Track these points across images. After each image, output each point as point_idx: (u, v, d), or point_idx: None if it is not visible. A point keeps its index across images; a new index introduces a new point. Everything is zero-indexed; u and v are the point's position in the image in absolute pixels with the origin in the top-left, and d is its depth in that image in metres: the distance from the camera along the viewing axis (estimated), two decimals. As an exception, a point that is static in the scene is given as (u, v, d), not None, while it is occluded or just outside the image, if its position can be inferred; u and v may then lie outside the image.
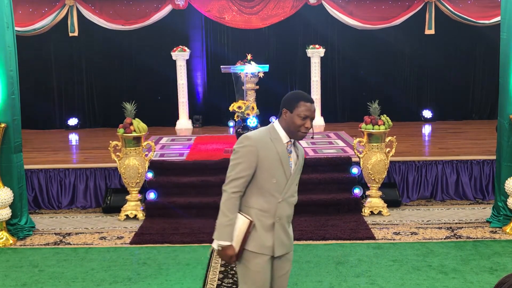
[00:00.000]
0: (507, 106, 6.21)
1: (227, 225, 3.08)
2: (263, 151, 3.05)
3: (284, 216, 3.15)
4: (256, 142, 3.05)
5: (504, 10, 6.22)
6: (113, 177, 7.43)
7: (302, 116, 3.03)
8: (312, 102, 3.10)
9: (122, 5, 10.33)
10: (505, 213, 6.35)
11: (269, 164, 3.05)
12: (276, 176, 3.07)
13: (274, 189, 3.08)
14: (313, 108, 3.09)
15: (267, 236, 3.11)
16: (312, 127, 3.13)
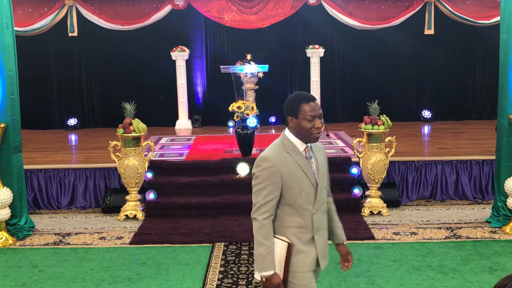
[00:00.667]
0: (506, 106, 6.21)
1: (267, 254, 2.87)
2: (284, 168, 2.87)
3: (322, 226, 3.00)
4: (276, 161, 2.87)
5: (504, 10, 6.22)
6: (112, 177, 7.43)
7: (309, 118, 2.87)
8: (314, 99, 2.93)
9: (122, 5, 10.33)
10: (504, 213, 6.35)
11: (294, 179, 2.88)
12: (304, 189, 2.90)
13: (305, 202, 2.91)
14: (318, 105, 2.91)
15: (308, 251, 2.94)
16: (324, 124, 2.96)
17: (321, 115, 2.92)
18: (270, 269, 2.88)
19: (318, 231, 2.97)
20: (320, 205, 2.98)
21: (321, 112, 2.92)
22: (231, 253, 5.67)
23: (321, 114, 2.92)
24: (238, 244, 5.92)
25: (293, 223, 2.92)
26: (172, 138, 9.42)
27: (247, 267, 5.32)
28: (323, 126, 2.95)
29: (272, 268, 2.88)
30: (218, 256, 5.59)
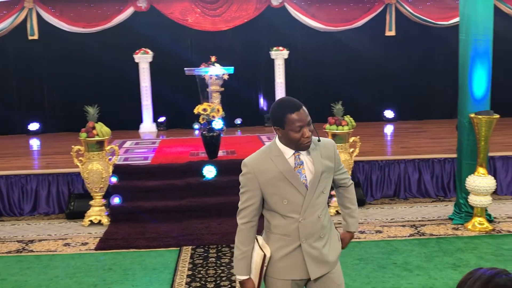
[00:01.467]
0: (466, 105, 6.35)
1: (241, 259, 2.86)
2: (262, 175, 2.79)
3: (311, 234, 2.83)
4: (253, 167, 2.82)
5: (463, 11, 6.37)
6: (76, 182, 7.31)
7: (296, 129, 2.73)
8: (300, 107, 2.74)
9: (83, 7, 10.18)
10: (466, 210, 6.49)
11: (273, 187, 2.78)
12: (286, 197, 2.79)
13: (289, 210, 2.80)
14: (305, 113, 2.74)
15: (291, 260, 2.84)
16: (314, 129, 2.80)
17: (309, 122, 2.77)
18: (243, 274, 2.87)
19: (307, 239, 2.82)
20: (313, 213, 2.82)
21: (309, 119, 2.77)
22: (199, 257, 5.65)
23: (309, 121, 2.77)
24: (205, 247, 5.90)
25: (278, 229, 2.85)
26: (137, 141, 9.32)
27: (215, 270, 5.30)
28: (313, 132, 2.81)
29: (245, 273, 2.86)
30: (185, 259, 5.56)
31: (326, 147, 2.92)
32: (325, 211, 2.91)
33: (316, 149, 2.88)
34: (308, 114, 2.78)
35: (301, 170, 2.82)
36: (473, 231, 6.21)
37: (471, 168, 6.35)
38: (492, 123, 6.12)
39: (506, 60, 10.17)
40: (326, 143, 2.95)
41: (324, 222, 2.89)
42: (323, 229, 2.88)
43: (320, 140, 2.91)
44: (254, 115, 10.75)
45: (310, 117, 2.83)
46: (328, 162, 2.90)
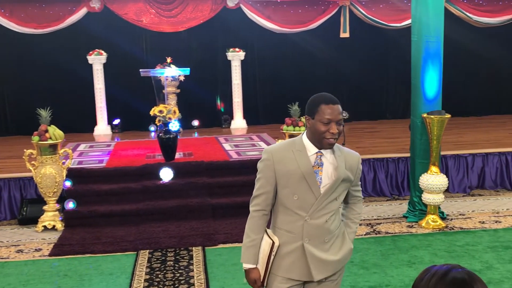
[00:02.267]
0: (419, 105, 6.50)
1: (250, 246, 2.85)
2: (280, 165, 2.78)
3: (315, 236, 2.81)
4: (273, 154, 2.80)
5: (415, 13, 6.51)
6: (28, 187, 7.12)
7: (325, 121, 2.70)
8: (336, 103, 2.74)
9: (34, 8, 9.92)
10: (420, 208, 6.64)
11: (288, 180, 2.77)
12: (298, 193, 2.77)
13: (297, 206, 2.78)
14: (338, 110, 2.73)
15: (294, 258, 2.82)
16: (343, 134, 2.80)
17: (340, 121, 2.74)
18: (250, 262, 2.85)
19: (310, 240, 2.81)
20: (321, 215, 2.80)
21: (341, 118, 2.74)
22: (157, 260, 5.59)
23: (341, 120, 2.74)
24: (163, 250, 5.84)
25: (283, 225, 2.84)
26: (91, 144, 9.15)
27: (173, 273, 5.26)
28: (341, 134, 2.77)
29: (252, 262, 2.85)
30: (143, 264, 5.49)
31: (352, 159, 2.89)
32: (334, 217, 2.88)
33: (342, 156, 2.85)
34: (341, 113, 2.77)
35: (318, 171, 2.79)
36: (427, 228, 6.35)
37: (424, 167, 6.49)
38: (444, 122, 6.28)
39: (457, 61, 10.47)
40: (353, 155, 2.92)
41: (331, 227, 2.86)
42: (329, 234, 2.85)
43: (346, 149, 2.94)
44: (211, 116, 10.72)
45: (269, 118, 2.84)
46: (349, 173, 2.87)
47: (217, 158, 7.67)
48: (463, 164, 7.86)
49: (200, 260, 5.55)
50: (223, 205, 6.77)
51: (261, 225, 2.87)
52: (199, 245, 5.94)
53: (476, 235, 6.10)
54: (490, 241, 5.90)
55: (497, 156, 7.92)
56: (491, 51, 10.98)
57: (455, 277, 1.47)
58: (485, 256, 5.48)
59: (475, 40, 10.80)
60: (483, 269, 5.17)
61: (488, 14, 10.57)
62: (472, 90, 11.22)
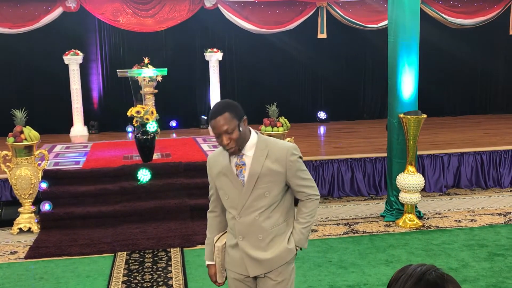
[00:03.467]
0: (396, 106, 6.56)
1: (207, 244, 3.13)
2: (212, 169, 2.98)
3: (247, 233, 2.89)
4: (209, 160, 3.04)
5: (391, 15, 6.57)
6: (3, 189, 7.03)
7: (216, 135, 2.82)
8: (216, 116, 2.77)
9: (9, 7, 9.77)
10: (397, 207, 6.70)
11: (219, 180, 2.94)
12: (227, 193, 2.91)
13: (230, 206, 2.94)
14: (218, 123, 2.76)
15: (234, 254, 2.98)
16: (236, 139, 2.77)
17: (226, 131, 2.76)
18: (207, 259, 3.13)
19: (244, 237, 2.91)
20: (250, 213, 2.87)
21: (226, 128, 2.76)
22: (134, 262, 5.54)
23: (226, 130, 2.76)
24: (141, 252, 5.80)
25: (228, 223, 3.03)
26: (67, 145, 9.04)
27: (151, 275, 5.22)
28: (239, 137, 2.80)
29: (208, 259, 3.11)
30: (120, 265, 5.45)
31: (279, 151, 2.87)
32: (268, 215, 2.88)
33: (265, 150, 2.87)
34: (224, 122, 2.75)
35: (242, 169, 2.90)
36: (404, 227, 6.41)
37: (401, 167, 6.55)
38: (420, 122, 6.34)
39: (433, 62, 10.60)
40: (281, 147, 2.89)
41: (264, 224, 2.88)
42: (262, 231, 2.89)
43: (278, 143, 2.92)
44: (189, 117, 10.68)
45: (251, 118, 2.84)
46: (275, 166, 2.85)
47: (195, 158, 7.65)
48: (439, 163, 7.96)
49: (179, 261, 5.53)
50: (201, 206, 6.72)
51: (213, 225, 3.10)
52: (177, 246, 5.91)
53: (452, 234, 6.18)
54: (466, 240, 5.98)
55: (473, 155, 8.04)
56: (466, 52, 11.14)
57: (428, 280, 1.50)
58: (461, 255, 5.55)
59: (450, 41, 10.94)
60: (459, 267, 5.24)
61: (463, 16, 10.72)
62: (448, 91, 11.37)
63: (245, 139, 2.86)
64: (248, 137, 2.88)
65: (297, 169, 2.89)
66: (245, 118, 2.86)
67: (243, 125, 2.83)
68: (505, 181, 8.04)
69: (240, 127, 2.80)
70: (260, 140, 2.90)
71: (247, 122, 2.88)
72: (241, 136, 2.82)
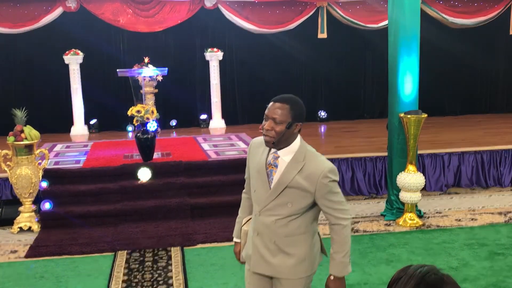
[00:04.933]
0: (396, 105, 6.56)
1: (236, 223, 3.23)
2: (251, 156, 2.98)
3: (264, 232, 2.87)
4: (251, 146, 3.03)
5: (391, 14, 6.57)
6: (3, 188, 7.03)
7: (264, 117, 2.82)
8: (277, 101, 2.78)
9: (9, 7, 9.77)
10: (397, 206, 6.70)
11: (252, 172, 2.95)
12: (255, 187, 2.90)
13: (255, 200, 2.93)
14: (274, 107, 2.76)
15: (248, 245, 3.02)
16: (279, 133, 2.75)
17: (275, 120, 2.75)
18: (234, 235, 3.26)
19: (259, 234, 2.90)
20: (269, 215, 2.84)
21: (275, 116, 2.75)
22: (135, 261, 5.54)
23: (275, 119, 2.75)
24: (141, 251, 5.80)
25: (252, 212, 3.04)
26: (68, 145, 9.05)
27: (152, 274, 5.22)
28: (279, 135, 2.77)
29: (235, 236, 3.24)
30: (121, 264, 5.45)
31: (315, 168, 2.78)
32: (288, 224, 2.83)
33: (301, 162, 2.80)
34: (279, 112, 2.75)
35: (272, 171, 2.85)
36: (404, 226, 6.41)
37: (402, 166, 6.55)
38: (420, 122, 6.34)
39: (433, 62, 10.60)
40: (318, 165, 2.79)
41: (281, 231, 2.84)
42: (278, 236, 2.85)
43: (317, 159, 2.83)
44: (189, 116, 10.68)
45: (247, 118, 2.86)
46: (306, 182, 2.77)
47: (195, 158, 7.65)
48: (439, 162, 7.96)
49: (179, 260, 5.53)
50: (201, 205, 6.75)
51: (245, 206, 3.16)
52: (177, 245, 5.91)
53: (452, 233, 6.18)
54: (466, 239, 5.97)
55: (473, 155, 8.04)
56: (466, 52, 11.14)
57: (427, 283, 1.51)
58: (461, 254, 5.55)
59: (451, 41, 10.94)
60: (459, 266, 5.24)
61: (463, 16, 10.72)
62: (448, 90, 11.37)
63: (287, 140, 2.81)
64: (291, 142, 2.83)
65: (327, 192, 2.79)
66: (299, 124, 2.81)
67: (294, 128, 2.79)
68: (505, 180, 8.04)
69: (290, 126, 2.76)
70: (300, 150, 2.83)
71: (299, 129, 2.83)
72: (285, 134, 2.76)
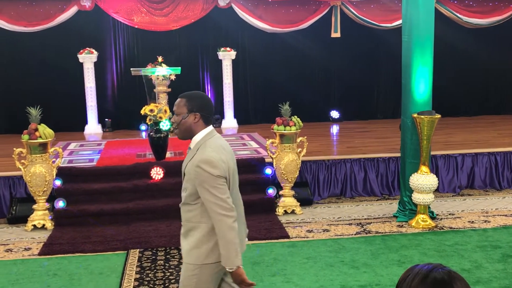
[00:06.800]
0: (409, 105, 6.52)
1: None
2: None
3: (183, 220, 3.17)
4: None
5: (405, 14, 6.54)
6: (18, 185, 7.08)
7: None
8: (178, 97, 3.15)
9: (24, 6, 9.87)
10: (410, 208, 6.67)
11: None
12: None
13: None
14: (176, 102, 3.13)
15: None
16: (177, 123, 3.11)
17: (174, 111, 3.13)
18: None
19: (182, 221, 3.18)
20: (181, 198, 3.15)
21: (174, 109, 3.13)
22: (147, 260, 5.57)
23: (174, 111, 3.13)
24: (153, 250, 5.83)
25: None
26: (82, 143, 9.11)
27: (163, 272, 5.25)
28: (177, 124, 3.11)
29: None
30: (133, 263, 5.48)
31: (198, 157, 3.00)
32: (187, 208, 3.10)
33: (193, 151, 3.07)
34: (177, 105, 3.11)
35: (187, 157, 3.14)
36: (417, 228, 6.38)
37: (414, 167, 6.52)
38: (434, 122, 6.30)
39: (447, 62, 10.53)
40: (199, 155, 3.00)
41: (183, 215, 3.14)
42: (182, 220, 3.15)
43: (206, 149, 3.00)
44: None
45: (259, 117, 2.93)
46: (192, 170, 3.01)
47: (208, 157, 7.65)
48: (452, 164, 7.91)
49: (191, 259, 5.53)
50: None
51: None
52: (189, 244, 5.92)
53: (465, 235, 6.13)
54: (479, 241, 5.93)
55: (487, 156, 7.98)
56: (480, 52, 11.06)
57: (435, 277, 1.50)
58: (474, 256, 5.51)
59: (465, 41, 10.87)
60: (472, 268, 5.20)
61: (478, 15, 10.64)
62: (462, 91, 11.29)
63: (189, 131, 3.09)
64: (195, 133, 3.09)
65: (201, 181, 2.95)
66: (197, 115, 3.06)
67: (191, 117, 3.06)
68: (519, 182, 7.98)
69: (186, 117, 3.06)
70: (200, 141, 3.06)
71: (197, 118, 3.06)
72: (183, 124, 3.08)
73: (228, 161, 3.03)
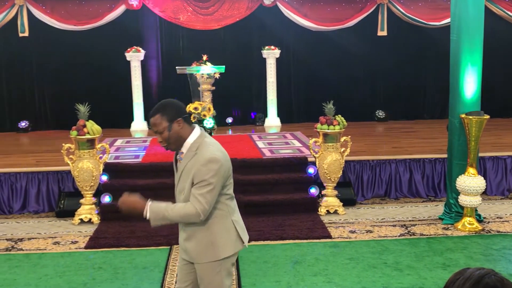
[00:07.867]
0: (457, 106, 6.38)
1: None
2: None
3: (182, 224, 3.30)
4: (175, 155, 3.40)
5: (454, 12, 6.40)
6: (66, 180, 7.27)
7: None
8: (150, 117, 3.06)
9: (74, 5, 10.13)
10: (456, 210, 6.52)
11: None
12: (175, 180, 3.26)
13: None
14: (151, 122, 3.06)
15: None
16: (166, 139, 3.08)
17: (157, 131, 3.05)
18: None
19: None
20: (178, 200, 3.26)
21: (156, 129, 3.05)
22: (189, 255, 5.62)
23: (157, 131, 3.05)
24: (196, 246, 5.87)
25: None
26: (128, 140, 9.28)
27: (205, 269, 5.28)
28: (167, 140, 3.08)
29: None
30: (176, 258, 5.54)
31: (200, 157, 3.01)
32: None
33: (193, 154, 3.07)
34: (155, 124, 3.03)
35: (179, 164, 3.18)
36: (463, 231, 6.23)
37: (462, 169, 6.37)
38: (482, 123, 6.14)
39: (497, 61, 10.24)
40: (202, 154, 3.02)
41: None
42: (184, 225, 3.23)
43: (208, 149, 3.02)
44: (246, 114, 10.75)
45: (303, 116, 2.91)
46: (192, 168, 3.05)
47: (250, 155, 7.69)
48: (501, 166, 7.68)
49: (232, 256, 5.56)
50: (255, 203, 6.78)
51: None
52: (231, 241, 5.95)
53: (514, 239, 5.96)
54: (529, 246, 5.75)
55: (538, 158, 7.72)
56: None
57: (487, 283, 1.45)
58: (523, 261, 5.35)
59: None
60: (520, 274, 5.05)
61: (531, 13, 10.30)
62: (513, 91, 10.95)
63: (179, 139, 3.06)
64: (185, 138, 3.07)
65: (201, 177, 3.01)
66: (181, 120, 3.01)
67: (176, 126, 3.01)
68: None
69: (171, 128, 3.00)
70: (195, 142, 3.06)
71: (181, 123, 3.02)
72: (172, 136, 3.03)
73: (229, 160, 3.11)
